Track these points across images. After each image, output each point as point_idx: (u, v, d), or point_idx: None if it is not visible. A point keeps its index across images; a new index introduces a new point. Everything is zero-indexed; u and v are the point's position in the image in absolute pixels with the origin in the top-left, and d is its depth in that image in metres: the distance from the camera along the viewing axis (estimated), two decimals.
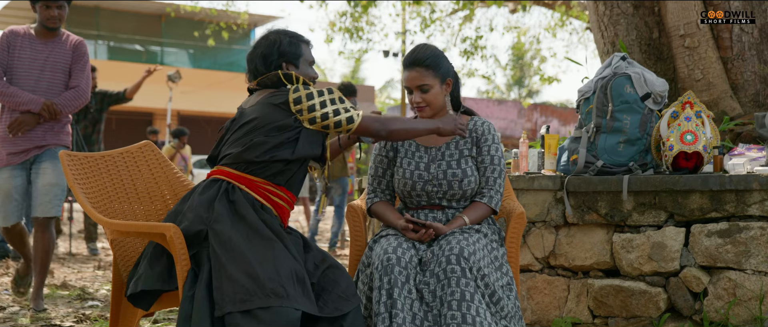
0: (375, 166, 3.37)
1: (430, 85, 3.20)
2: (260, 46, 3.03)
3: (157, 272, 2.78)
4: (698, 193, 3.86)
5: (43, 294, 4.84)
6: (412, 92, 3.24)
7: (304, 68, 3.05)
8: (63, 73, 4.76)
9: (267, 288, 2.57)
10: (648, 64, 5.38)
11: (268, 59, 3.00)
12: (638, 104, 4.06)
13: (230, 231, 2.73)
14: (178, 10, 17.83)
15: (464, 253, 2.91)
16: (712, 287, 3.84)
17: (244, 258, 2.65)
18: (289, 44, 3.02)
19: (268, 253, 2.69)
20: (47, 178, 4.61)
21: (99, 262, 7.22)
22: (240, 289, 2.57)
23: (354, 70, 39.90)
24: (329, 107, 2.90)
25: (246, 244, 2.70)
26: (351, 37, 15.89)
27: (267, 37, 3.06)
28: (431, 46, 3.29)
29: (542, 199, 4.22)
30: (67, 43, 4.79)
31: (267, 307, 2.53)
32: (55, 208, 4.62)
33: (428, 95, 3.21)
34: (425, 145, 3.30)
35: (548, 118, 27.82)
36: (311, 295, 2.71)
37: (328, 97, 2.92)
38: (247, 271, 2.61)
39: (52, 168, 4.63)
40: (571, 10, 14.26)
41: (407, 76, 3.23)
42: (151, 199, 3.34)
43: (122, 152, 3.37)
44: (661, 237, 3.92)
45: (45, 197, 4.60)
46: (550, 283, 4.22)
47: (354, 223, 3.38)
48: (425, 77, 3.20)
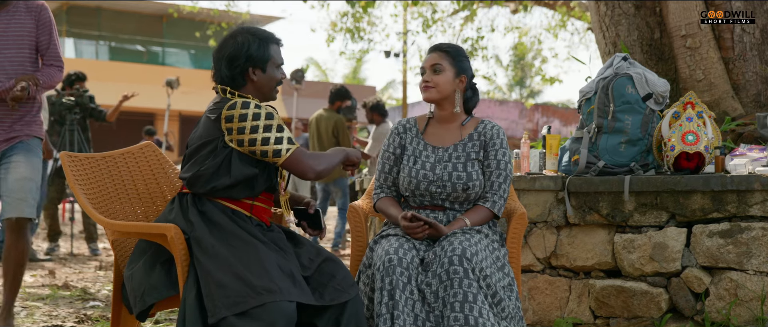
0: (382, 163, 3.38)
1: (444, 68, 3.25)
2: (227, 47, 2.90)
3: (158, 281, 2.78)
4: (700, 193, 3.85)
5: (14, 311, 4.27)
6: (423, 73, 3.29)
7: (271, 72, 2.93)
8: (29, 49, 4.04)
9: (257, 286, 2.57)
10: (649, 64, 5.38)
11: (234, 63, 2.87)
12: (640, 105, 4.05)
13: (210, 238, 2.72)
14: (180, 10, 17.83)
15: (467, 253, 2.91)
16: (713, 288, 3.84)
17: (229, 262, 2.64)
18: (258, 48, 2.88)
19: (251, 254, 2.68)
20: (20, 172, 3.93)
21: (100, 263, 7.22)
22: (231, 292, 2.57)
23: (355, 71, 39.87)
24: (260, 134, 2.77)
25: (228, 249, 2.69)
26: (352, 38, 15.88)
27: (235, 37, 2.91)
28: (459, 45, 3.35)
29: (544, 200, 4.21)
30: (25, 12, 4.03)
31: (261, 304, 2.53)
32: (29, 207, 3.94)
33: (438, 76, 3.24)
34: (433, 145, 3.30)
35: (549, 119, 27.80)
36: (304, 286, 2.70)
37: (262, 122, 2.78)
38: (234, 274, 2.61)
39: (25, 161, 3.96)
40: (572, 10, 14.25)
41: (426, 58, 3.30)
42: (152, 199, 3.34)
43: (123, 153, 3.37)
44: (663, 237, 3.91)
45: (18, 194, 3.91)
46: (551, 283, 4.21)
47: (355, 223, 3.38)
48: (441, 59, 3.25)
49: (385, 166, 3.37)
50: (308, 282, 2.77)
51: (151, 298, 2.76)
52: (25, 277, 6.13)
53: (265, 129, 2.77)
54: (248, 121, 2.76)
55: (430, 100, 3.28)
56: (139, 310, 2.78)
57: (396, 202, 3.34)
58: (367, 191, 3.67)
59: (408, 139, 3.35)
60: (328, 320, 2.74)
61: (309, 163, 2.85)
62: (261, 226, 2.89)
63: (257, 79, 2.91)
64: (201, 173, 2.83)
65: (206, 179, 2.83)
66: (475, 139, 3.28)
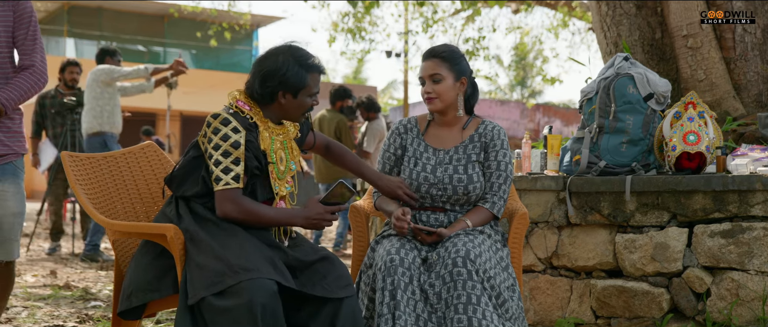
0: (383, 163, 3.37)
1: (443, 76, 3.19)
2: (267, 63, 2.84)
3: (146, 281, 2.79)
4: (701, 193, 3.85)
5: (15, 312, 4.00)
6: (423, 83, 3.23)
7: (302, 99, 2.86)
8: (7, 47, 3.30)
9: (235, 266, 2.57)
10: (651, 64, 5.37)
11: (267, 81, 2.82)
12: (641, 105, 4.05)
13: (194, 225, 2.74)
14: (181, 10, 17.84)
15: (471, 255, 2.90)
16: (715, 288, 3.84)
17: (210, 245, 2.66)
18: (296, 74, 2.81)
19: (232, 240, 2.70)
20: (9, 205, 3.24)
21: (102, 263, 7.22)
22: (209, 273, 2.58)
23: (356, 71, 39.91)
24: (217, 154, 2.73)
25: (210, 234, 2.71)
26: (353, 38, 15.88)
27: (277, 55, 2.84)
28: (452, 45, 3.31)
29: (545, 200, 4.21)
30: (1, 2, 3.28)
31: (237, 282, 2.53)
32: (18, 247, 3.32)
33: (439, 86, 3.20)
34: (434, 147, 3.29)
35: (551, 119, 27.79)
36: (286, 273, 2.68)
37: (225, 146, 2.73)
38: (214, 256, 2.62)
39: (14, 192, 3.27)
40: (573, 10, 14.25)
41: (423, 66, 3.23)
42: (153, 199, 3.34)
43: (124, 153, 3.37)
44: (664, 237, 3.91)
45: (7, 233, 3.24)
46: (552, 283, 4.21)
47: (356, 223, 3.38)
48: (439, 68, 3.19)
49: (386, 166, 3.36)
50: (296, 277, 2.75)
51: (136, 300, 2.77)
52: (26, 277, 6.14)
53: (223, 153, 2.73)
54: (216, 137, 2.74)
55: (436, 111, 3.25)
56: (122, 308, 2.80)
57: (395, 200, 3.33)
58: (368, 191, 3.67)
59: (408, 139, 3.33)
60: (322, 321, 2.73)
61: (229, 207, 2.74)
62: None
63: (286, 102, 2.86)
64: (174, 175, 2.87)
65: (178, 183, 2.86)
66: (476, 141, 3.27)
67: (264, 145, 2.85)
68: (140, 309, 2.81)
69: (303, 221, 2.81)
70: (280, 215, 2.81)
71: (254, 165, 2.80)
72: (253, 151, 2.81)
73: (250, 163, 2.79)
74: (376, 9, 14.94)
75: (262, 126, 2.87)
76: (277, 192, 2.89)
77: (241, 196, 2.76)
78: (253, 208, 2.76)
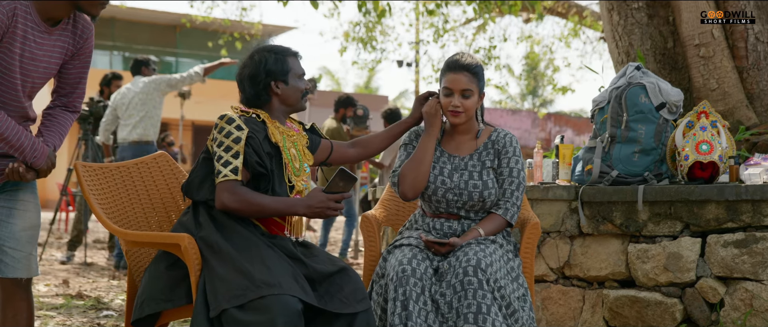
0: (404, 153, 3.33)
1: (472, 92, 3.19)
2: (246, 68, 2.98)
3: (159, 290, 2.80)
4: (714, 203, 3.83)
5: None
6: (450, 95, 3.20)
7: (293, 83, 2.99)
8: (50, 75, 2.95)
9: (257, 280, 2.59)
10: (663, 73, 5.36)
11: (256, 79, 2.94)
12: (653, 114, 4.04)
13: (215, 235, 2.76)
14: (193, 20, 17.90)
15: (481, 264, 2.90)
16: (728, 298, 3.82)
17: (232, 257, 2.68)
18: (275, 62, 2.95)
19: (254, 251, 2.72)
20: (29, 218, 2.97)
21: (114, 272, 7.24)
22: (233, 286, 2.60)
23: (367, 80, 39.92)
24: (219, 150, 2.80)
25: (231, 245, 2.73)
26: (364, 47, 15.90)
27: (251, 57, 2.99)
28: (477, 56, 3.30)
29: (557, 209, 4.20)
30: (72, 28, 2.94)
31: (261, 297, 2.55)
32: (36, 263, 3.02)
33: (468, 102, 3.19)
34: (449, 153, 3.29)
35: (562, 128, 27.76)
36: (307, 288, 2.71)
37: (227, 142, 2.80)
38: (236, 269, 2.64)
39: (34, 203, 3.00)
40: (584, 19, 14.23)
41: (453, 78, 3.18)
42: (166, 209, 3.35)
43: (137, 163, 3.39)
44: (677, 247, 3.89)
45: (26, 248, 2.95)
46: (565, 293, 4.20)
47: (368, 233, 3.38)
48: (470, 84, 3.18)
49: (402, 154, 3.35)
50: (315, 290, 2.77)
51: (149, 309, 2.79)
52: (39, 287, 6.16)
53: (225, 148, 2.79)
54: (221, 134, 2.81)
55: (458, 124, 3.25)
56: (135, 317, 2.82)
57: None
58: (380, 200, 3.67)
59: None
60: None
61: (226, 198, 2.77)
62: (267, 235, 2.89)
63: (281, 91, 2.96)
64: (191, 181, 2.91)
65: (196, 188, 2.89)
66: (489, 148, 3.27)
67: (275, 138, 2.90)
68: (153, 318, 2.82)
69: (305, 210, 2.83)
70: (280, 204, 2.83)
71: (255, 159, 2.82)
72: (254, 147, 2.83)
73: (250, 158, 2.81)
74: (387, 18, 14.96)
75: (270, 123, 2.94)
76: (293, 185, 2.93)
77: (240, 186, 2.79)
78: (251, 197, 2.79)
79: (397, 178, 3.24)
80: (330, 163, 3.25)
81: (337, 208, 2.86)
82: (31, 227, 2.98)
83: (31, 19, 2.74)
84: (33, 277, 3.02)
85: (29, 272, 2.97)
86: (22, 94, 2.82)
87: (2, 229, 2.91)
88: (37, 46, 2.79)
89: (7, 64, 2.73)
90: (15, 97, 2.79)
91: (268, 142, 2.90)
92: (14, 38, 2.71)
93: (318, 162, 3.20)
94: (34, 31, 2.76)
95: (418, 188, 3.21)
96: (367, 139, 3.31)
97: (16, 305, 2.97)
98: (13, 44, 2.71)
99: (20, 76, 2.77)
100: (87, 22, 2.98)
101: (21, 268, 2.93)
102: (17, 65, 2.75)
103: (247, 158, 2.81)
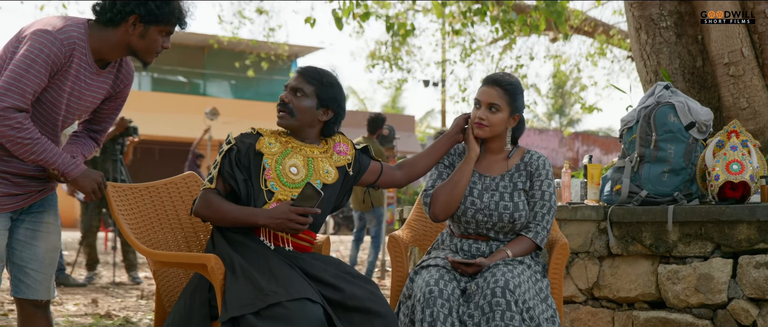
0: (437, 171, 3.33)
1: (501, 108, 3.19)
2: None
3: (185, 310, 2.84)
4: (745, 223, 3.79)
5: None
6: (478, 106, 3.21)
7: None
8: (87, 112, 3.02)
9: (265, 289, 2.64)
10: (692, 92, 5.31)
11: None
12: (682, 133, 4.01)
13: (226, 248, 2.84)
14: (220, 41, 18.09)
15: (510, 285, 2.88)
16: (761, 320, 3.76)
17: (242, 267, 2.74)
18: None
19: (262, 262, 2.77)
20: (52, 240, 3.01)
21: (142, 292, 7.28)
22: (250, 290, 2.65)
23: (394, 100, 39.99)
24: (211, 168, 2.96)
25: (241, 256, 2.79)
26: (391, 67, 15.94)
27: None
28: (516, 77, 3.30)
29: (585, 230, 4.17)
30: (117, 71, 3.01)
31: (277, 302, 2.58)
32: (54, 284, 3.07)
33: (494, 116, 3.19)
34: (480, 172, 3.28)
35: (590, 147, 27.61)
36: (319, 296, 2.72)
37: (214, 162, 2.96)
38: (245, 277, 2.70)
39: (56, 224, 3.05)
40: (610, 38, 14.18)
41: (483, 90, 3.21)
42: (194, 230, 3.37)
43: (166, 183, 3.41)
44: (708, 268, 3.85)
45: (48, 270, 2.99)
46: (594, 314, 4.15)
47: (395, 254, 3.37)
48: (500, 99, 3.18)
49: (434, 173, 3.34)
50: (330, 302, 2.76)
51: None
52: (68, 306, 6.20)
53: (214, 162, 2.95)
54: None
55: (482, 137, 3.24)
56: None
57: None
58: (407, 221, 3.67)
59: (458, 161, 3.33)
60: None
61: (197, 204, 2.93)
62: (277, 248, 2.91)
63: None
64: None
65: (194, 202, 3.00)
66: (521, 170, 3.26)
67: (260, 146, 2.95)
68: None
69: (266, 220, 2.84)
70: (242, 212, 2.87)
71: (226, 170, 2.92)
72: (232, 158, 2.93)
73: (223, 168, 2.92)
74: (412, 38, 14.99)
75: (268, 136, 2.99)
76: (274, 193, 2.92)
77: (211, 193, 2.92)
78: (217, 204, 2.89)
79: (430, 198, 3.24)
80: (378, 185, 3.24)
81: (302, 222, 2.84)
82: (55, 249, 3.02)
83: (85, 59, 2.81)
84: (52, 299, 3.05)
85: (48, 294, 3.00)
86: (60, 128, 2.92)
87: (25, 251, 2.94)
88: (86, 86, 2.86)
89: (54, 99, 2.81)
90: (52, 129, 2.89)
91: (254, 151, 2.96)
92: (67, 75, 2.78)
93: (365, 183, 3.19)
94: (86, 71, 2.83)
95: (450, 211, 3.20)
96: (412, 161, 3.29)
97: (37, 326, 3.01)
98: (64, 82, 2.79)
99: (64, 112, 2.87)
100: (131, 69, 3.06)
101: (42, 290, 2.97)
102: (64, 102, 2.84)
103: (221, 168, 2.93)
